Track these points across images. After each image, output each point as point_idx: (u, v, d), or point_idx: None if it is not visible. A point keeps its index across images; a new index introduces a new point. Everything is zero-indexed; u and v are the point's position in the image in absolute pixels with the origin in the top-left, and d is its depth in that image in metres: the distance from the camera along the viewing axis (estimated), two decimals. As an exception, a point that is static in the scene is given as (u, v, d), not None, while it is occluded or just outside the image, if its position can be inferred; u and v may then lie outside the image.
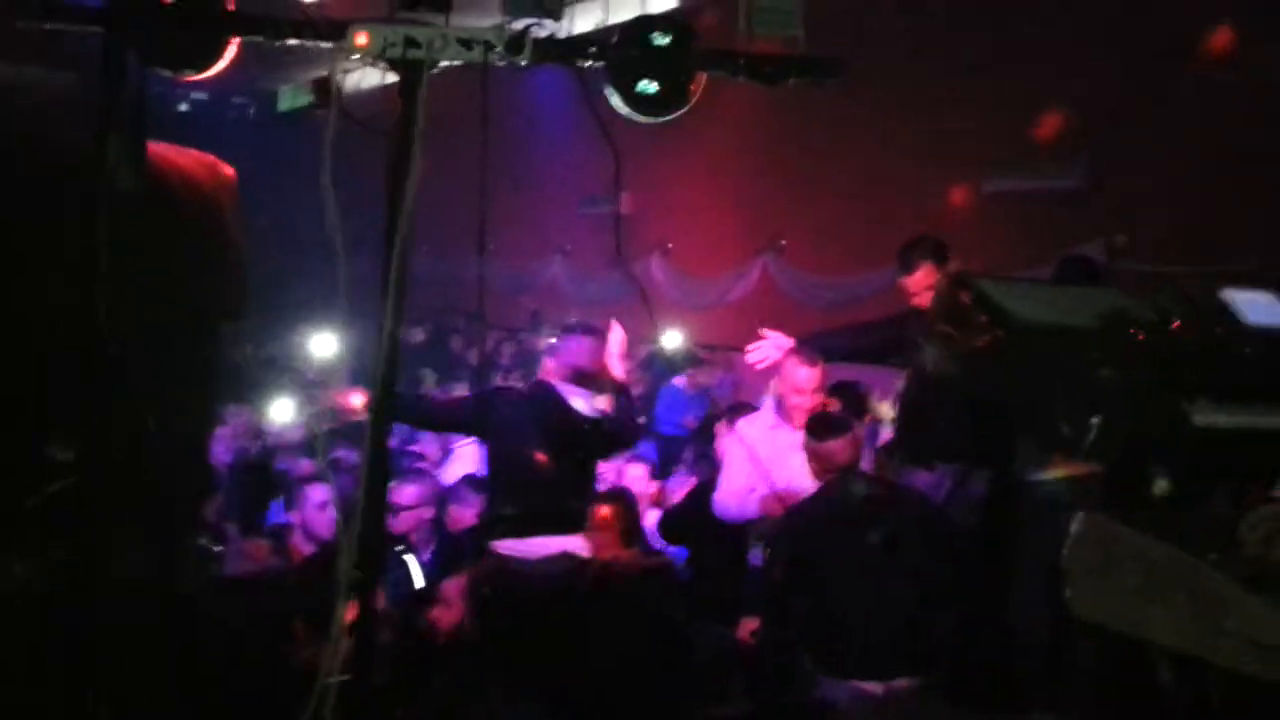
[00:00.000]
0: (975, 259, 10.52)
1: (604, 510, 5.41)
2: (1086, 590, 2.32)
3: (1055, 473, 2.45)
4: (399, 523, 6.43)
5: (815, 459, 5.12)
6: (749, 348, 5.75)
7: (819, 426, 5.18)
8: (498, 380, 9.85)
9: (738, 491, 5.58)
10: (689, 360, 11.86)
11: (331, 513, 5.08)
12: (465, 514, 6.35)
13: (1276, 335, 2.48)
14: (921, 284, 5.45)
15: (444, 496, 6.56)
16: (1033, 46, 10.00)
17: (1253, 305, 2.53)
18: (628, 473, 6.88)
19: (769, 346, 5.67)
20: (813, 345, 5.59)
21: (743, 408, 6.64)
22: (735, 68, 2.76)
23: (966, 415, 4.16)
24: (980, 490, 4.78)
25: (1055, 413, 2.26)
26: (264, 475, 7.61)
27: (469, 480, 6.59)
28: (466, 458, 7.36)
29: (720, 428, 6.53)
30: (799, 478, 5.31)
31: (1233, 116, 8.57)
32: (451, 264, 15.10)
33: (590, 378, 5.59)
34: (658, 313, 13.20)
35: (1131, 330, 2.34)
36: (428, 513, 6.43)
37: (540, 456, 5.26)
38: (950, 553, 4.82)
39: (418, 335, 13.91)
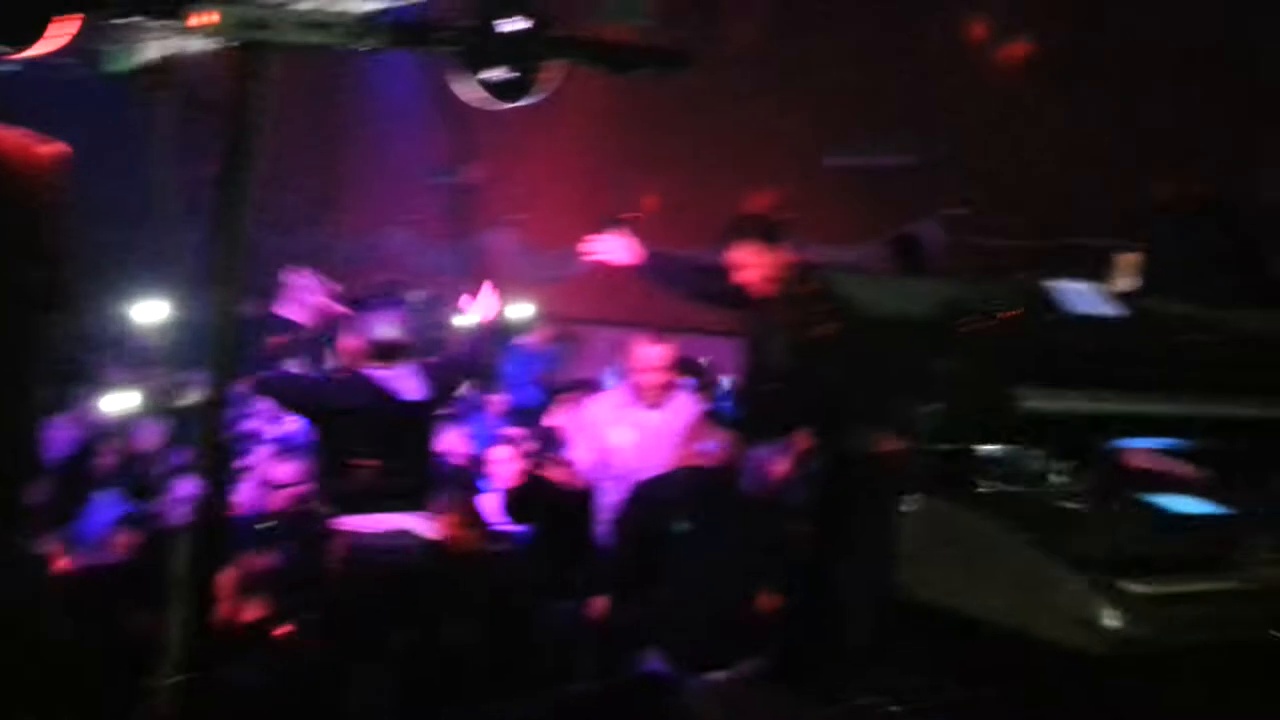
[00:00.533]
0: (820, 232, 10.77)
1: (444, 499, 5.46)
2: (919, 571, 2.43)
3: (884, 449, 2.55)
4: (277, 499, 6.32)
5: (657, 432, 5.09)
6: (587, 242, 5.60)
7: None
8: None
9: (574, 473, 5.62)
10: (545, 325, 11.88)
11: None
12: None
13: (1098, 324, 2.63)
14: (745, 260, 5.30)
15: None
16: (875, 24, 10.21)
17: (1077, 295, 2.68)
18: (492, 454, 6.84)
19: (609, 245, 5.55)
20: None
21: (585, 385, 6.64)
22: (587, 56, 2.77)
23: (808, 395, 4.23)
24: (819, 467, 4.85)
25: (893, 400, 2.36)
26: (79, 470, 7.27)
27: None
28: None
29: (559, 402, 6.51)
30: (647, 457, 5.35)
31: (1063, 92, 8.89)
32: (291, 237, 14.78)
33: (399, 349, 5.37)
34: (505, 285, 13.17)
35: (964, 320, 2.45)
36: (303, 489, 6.31)
37: (365, 462, 5.16)
38: (782, 532, 4.88)
39: (250, 309, 13.51)
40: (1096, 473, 2.59)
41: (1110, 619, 2.15)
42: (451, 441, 6.97)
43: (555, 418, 6.42)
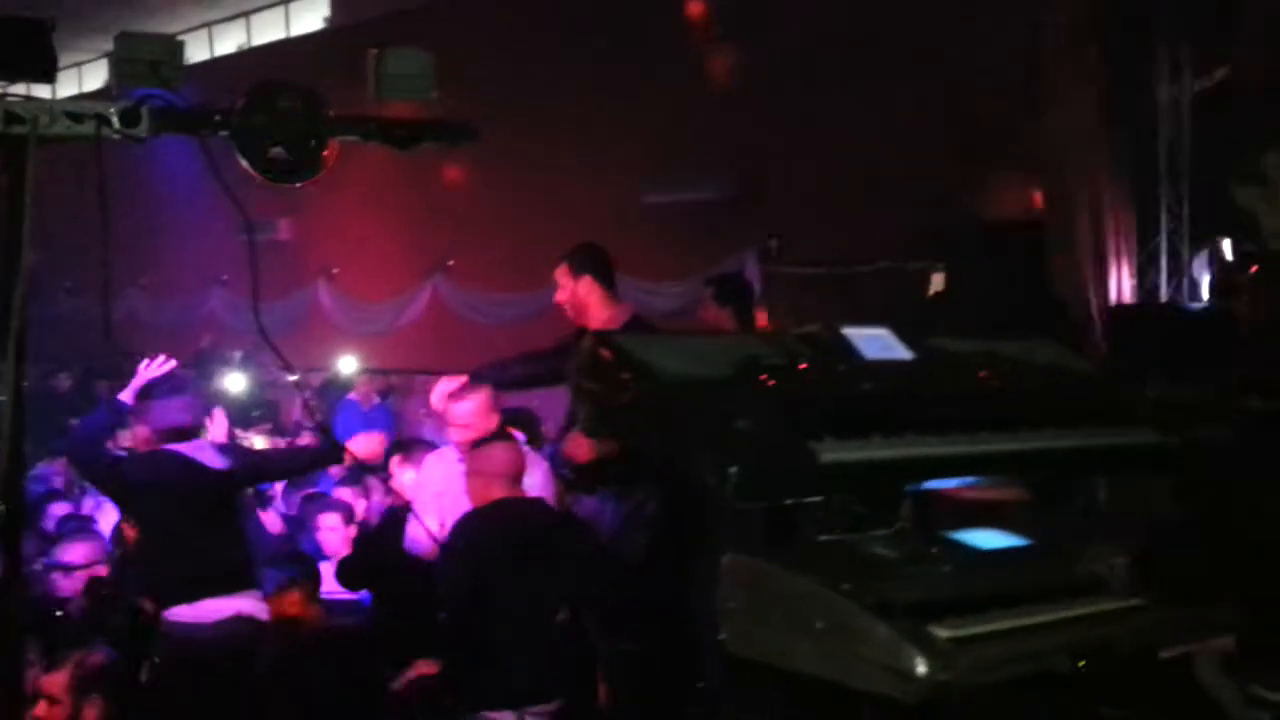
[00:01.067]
0: (640, 268, 10.88)
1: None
2: (739, 628, 2.43)
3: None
4: (72, 582, 6.02)
5: (477, 474, 4.92)
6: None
7: (484, 440, 5.08)
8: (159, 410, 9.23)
9: (426, 536, 5.46)
10: (372, 379, 11.68)
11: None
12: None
13: (891, 368, 2.68)
14: (582, 292, 5.46)
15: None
16: (686, 67, 10.38)
17: (870, 341, 2.73)
18: (323, 522, 6.65)
19: (441, 392, 5.57)
20: (485, 378, 5.52)
21: (419, 444, 6.50)
22: (367, 132, 2.72)
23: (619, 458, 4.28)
24: (655, 510, 4.85)
25: (697, 463, 2.35)
26: None
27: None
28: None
29: (394, 463, 6.38)
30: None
31: (856, 133, 9.18)
32: (112, 303, 14.24)
33: (189, 433, 5.24)
34: (328, 340, 12.94)
35: (762, 376, 2.47)
36: (101, 571, 6.03)
37: (184, 532, 4.98)
38: (606, 577, 4.83)
39: (64, 382, 12.98)
40: (902, 517, 2.63)
41: (920, 665, 2.17)
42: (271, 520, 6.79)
43: (393, 477, 6.26)
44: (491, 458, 4.88)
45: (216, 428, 5.93)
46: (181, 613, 4.96)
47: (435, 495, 5.44)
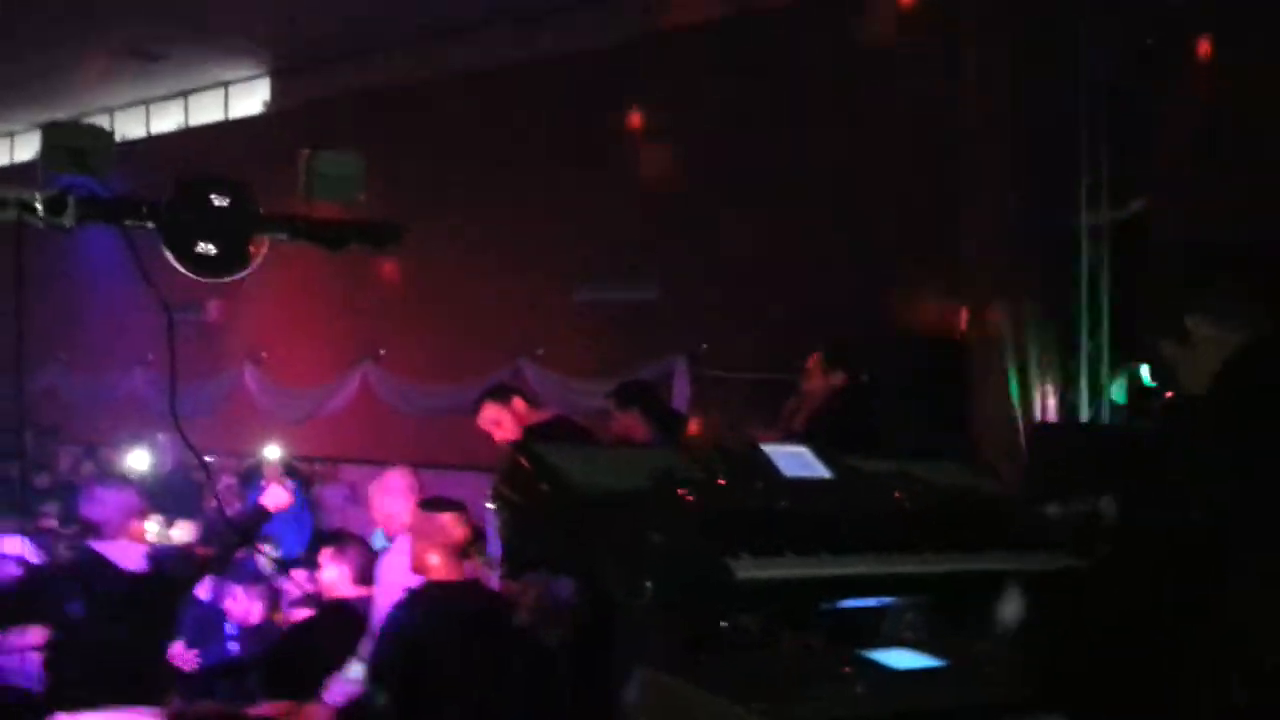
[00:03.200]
0: (573, 363, 10.91)
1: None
2: (647, 745, 2.41)
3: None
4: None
5: (425, 536, 4.77)
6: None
7: (430, 502, 4.95)
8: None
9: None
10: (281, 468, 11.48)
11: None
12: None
13: (808, 486, 2.71)
14: (486, 420, 6.10)
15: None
16: (619, 169, 10.53)
17: (789, 459, 2.76)
18: (239, 597, 6.54)
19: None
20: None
21: (350, 538, 6.34)
22: (295, 231, 2.73)
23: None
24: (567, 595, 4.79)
25: (612, 576, 2.35)
26: None
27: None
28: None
29: (324, 555, 6.23)
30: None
31: (779, 243, 9.35)
32: (28, 377, 13.95)
33: (118, 526, 5.12)
34: (253, 424, 12.76)
35: (679, 491, 2.48)
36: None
37: (96, 633, 4.84)
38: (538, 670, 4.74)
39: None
40: (815, 634, 2.64)
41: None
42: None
43: (321, 569, 6.11)
44: (436, 522, 4.76)
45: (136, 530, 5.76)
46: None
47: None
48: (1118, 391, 7.09)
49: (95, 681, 4.80)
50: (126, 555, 5.06)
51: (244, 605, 6.92)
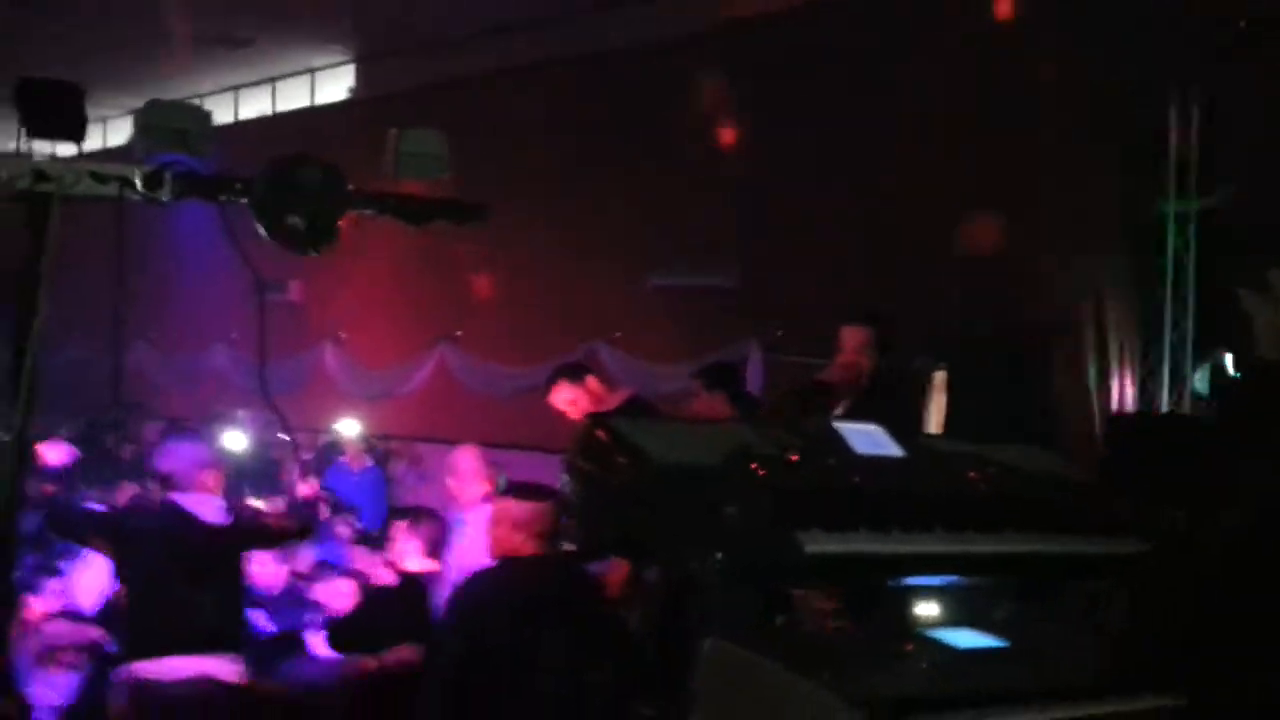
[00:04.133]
0: (645, 350, 10.97)
1: None
2: (714, 714, 2.46)
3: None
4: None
5: (505, 524, 4.80)
6: None
7: (515, 488, 4.96)
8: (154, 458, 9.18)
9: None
10: (362, 443, 11.70)
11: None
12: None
13: (880, 464, 2.73)
14: (560, 400, 6.00)
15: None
16: (699, 153, 10.55)
17: (861, 436, 2.79)
18: (335, 588, 6.67)
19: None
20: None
21: (425, 513, 6.44)
22: (383, 207, 2.81)
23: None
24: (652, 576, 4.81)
25: (685, 548, 2.40)
26: None
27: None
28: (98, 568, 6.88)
29: (398, 529, 6.33)
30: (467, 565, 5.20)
31: (866, 230, 9.31)
32: (108, 353, 14.33)
33: (195, 477, 5.24)
34: (332, 403, 13.00)
35: (753, 466, 2.52)
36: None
37: (174, 585, 4.97)
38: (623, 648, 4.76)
39: (67, 432, 12.97)
40: (882, 611, 2.67)
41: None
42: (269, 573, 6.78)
43: (395, 543, 6.23)
44: (509, 509, 4.77)
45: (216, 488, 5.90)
46: (146, 667, 4.92)
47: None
48: (1200, 381, 6.99)
49: (173, 631, 4.92)
50: (203, 507, 5.16)
51: (270, 571, 6.94)
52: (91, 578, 6.48)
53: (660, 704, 4.29)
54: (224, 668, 4.99)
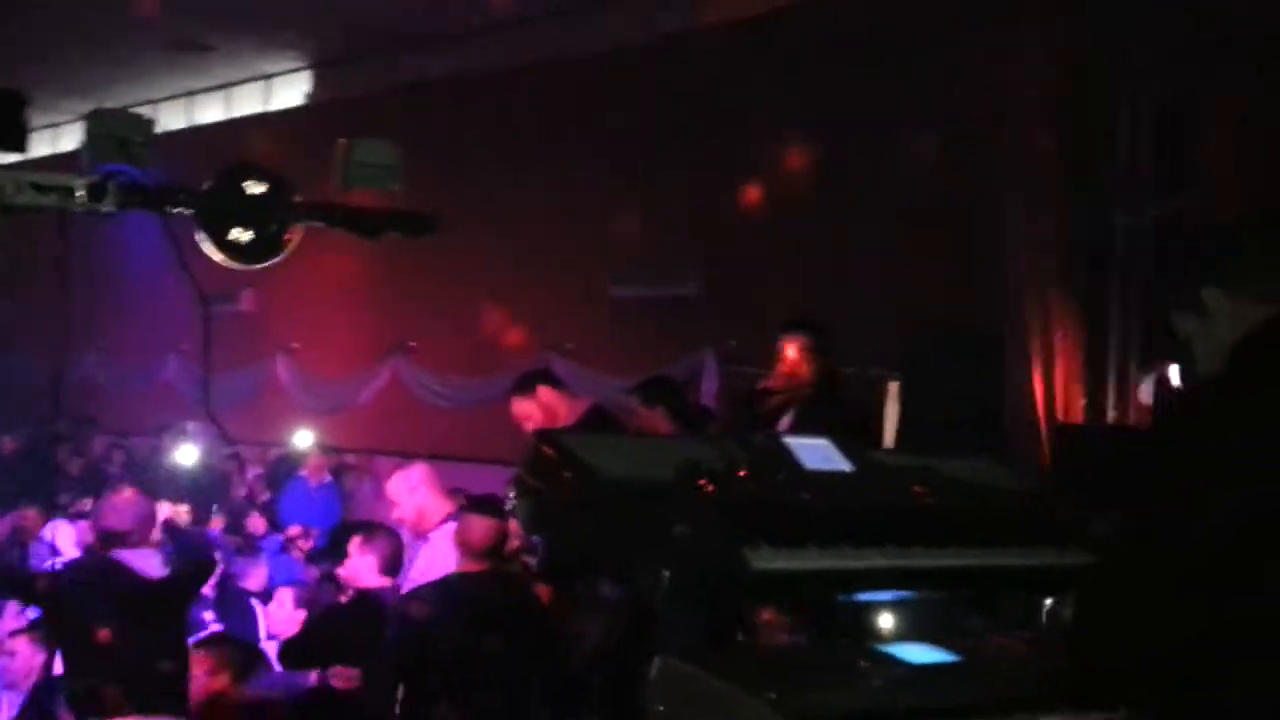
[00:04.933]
0: (604, 358, 10.95)
1: (200, 666, 5.20)
2: (664, 732, 2.45)
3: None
4: None
5: (459, 535, 4.82)
6: None
7: (473, 502, 4.98)
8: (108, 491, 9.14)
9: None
10: (323, 456, 11.61)
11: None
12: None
13: (829, 479, 2.73)
14: (518, 413, 5.81)
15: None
16: (657, 162, 10.56)
17: (810, 451, 2.79)
18: (277, 598, 6.61)
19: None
20: None
21: (379, 528, 6.36)
22: (332, 219, 2.78)
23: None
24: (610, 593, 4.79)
25: (632, 565, 2.38)
26: None
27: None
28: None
29: (352, 544, 6.27)
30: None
31: (819, 241, 9.35)
32: (55, 365, 14.11)
33: (128, 536, 5.15)
34: (285, 415, 12.88)
35: (701, 481, 2.51)
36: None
37: (103, 634, 4.88)
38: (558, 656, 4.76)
39: (7, 444, 12.69)
40: (834, 627, 2.67)
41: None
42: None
43: (350, 558, 6.16)
44: (469, 527, 4.79)
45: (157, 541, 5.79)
46: None
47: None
48: (1146, 393, 7.06)
49: (119, 687, 4.85)
50: (145, 561, 5.11)
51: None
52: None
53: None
54: None
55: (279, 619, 6.43)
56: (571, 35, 11.43)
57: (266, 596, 7.45)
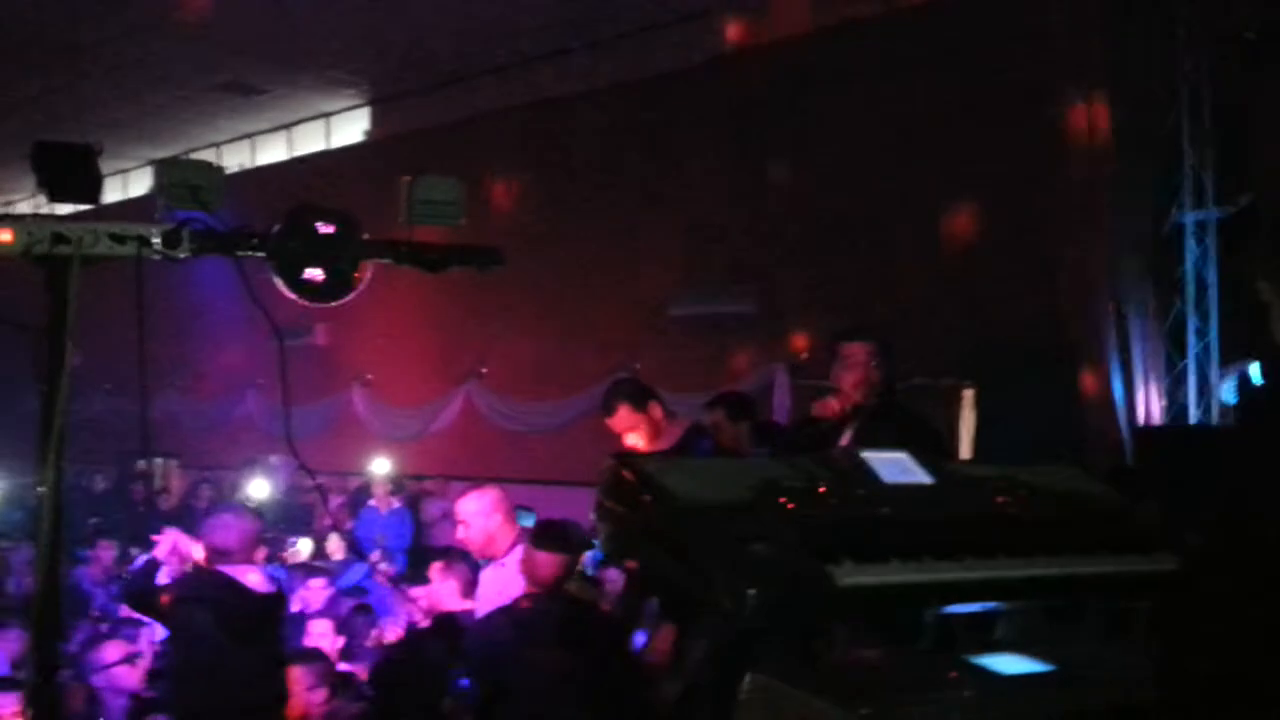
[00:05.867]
0: (670, 377, 10.96)
1: (300, 683, 5.26)
2: (756, 751, 2.43)
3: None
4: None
5: (525, 567, 4.89)
6: None
7: (538, 534, 5.02)
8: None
9: None
10: (389, 484, 11.74)
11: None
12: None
13: (909, 492, 2.71)
14: (621, 424, 5.69)
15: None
16: (718, 181, 10.57)
17: (888, 465, 2.76)
18: (312, 630, 6.67)
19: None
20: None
21: (457, 554, 6.41)
22: (398, 256, 2.81)
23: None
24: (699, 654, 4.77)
25: (715, 587, 2.37)
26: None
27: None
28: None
29: (433, 570, 6.32)
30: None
31: (891, 249, 9.28)
32: (149, 404, 14.38)
33: (235, 553, 5.22)
34: (362, 445, 13.03)
35: (780, 500, 2.50)
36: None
37: (222, 652, 4.97)
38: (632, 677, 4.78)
39: (100, 483, 13.07)
40: (923, 640, 2.63)
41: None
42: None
43: (433, 583, 6.23)
44: (536, 562, 4.83)
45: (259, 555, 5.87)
46: None
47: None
48: (1228, 392, 6.93)
49: (221, 696, 4.93)
50: (249, 577, 5.19)
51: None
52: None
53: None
54: None
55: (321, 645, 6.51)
56: (631, 58, 11.49)
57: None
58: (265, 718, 5.02)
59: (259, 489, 10.94)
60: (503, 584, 5.31)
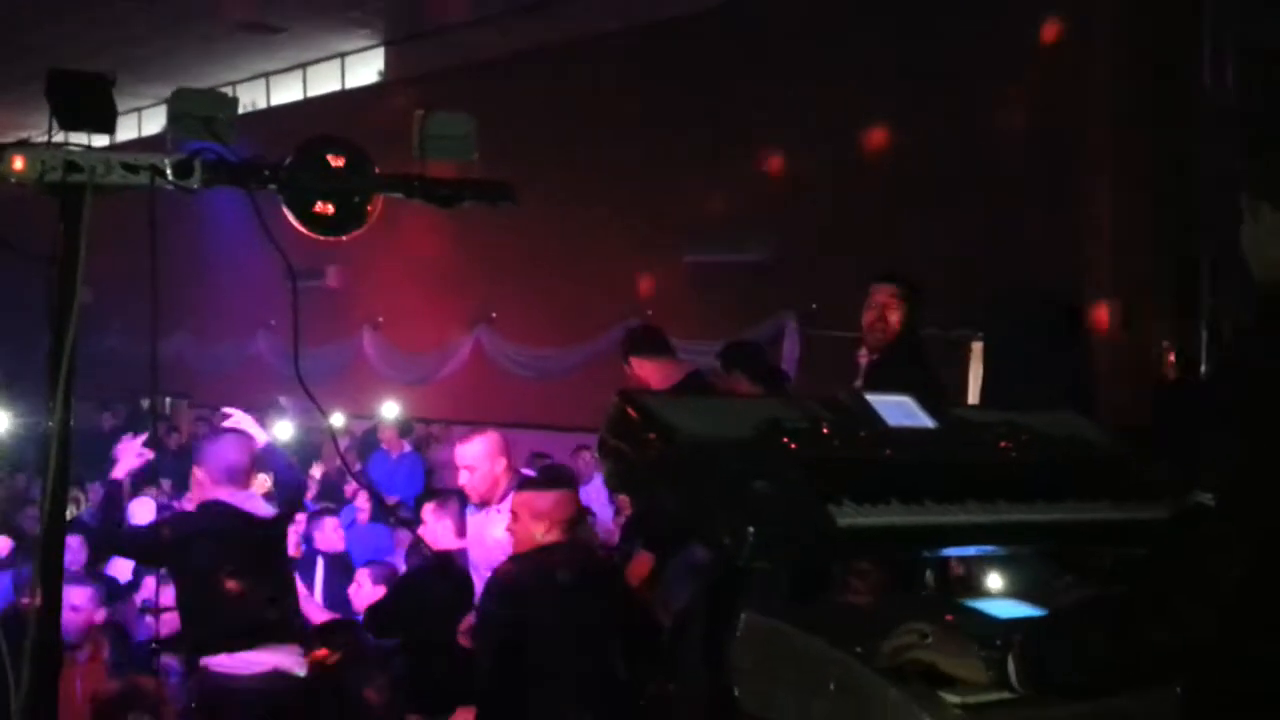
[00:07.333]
0: (682, 324, 10.97)
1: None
2: (753, 687, 2.47)
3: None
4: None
5: (538, 509, 4.90)
6: None
7: (545, 476, 5.03)
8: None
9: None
10: (399, 428, 11.80)
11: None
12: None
13: (912, 435, 2.72)
14: (641, 369, 5.71)
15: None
16: (731, 129, 10.52)
17: (892, 408, 2.77)
18: (357, 578, 6.77)
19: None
20: None
21: (451, 494, 6.47)
22: (410, 190, 2.81)
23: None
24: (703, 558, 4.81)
25: (716, 523, 2.39)
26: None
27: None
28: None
29: (426, 510, 6.38)
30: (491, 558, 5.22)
31: (901, 202, 9.25)
32: (148, 344, 14.44)
33: (245, 472, 5.28)
34: (371, 388, 13.09)
35: (784, 439, 2.52)
36: (98, 616, 6.07)
37: (231, 584, 5.03)
38: (647, 621, 4.84)
39: (108, 420, 13.10)
40: (920, 583, 2.66)
41: (929, 730, 2.19)
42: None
43: (424, 525, 6.28)
44: (529, 500, 4.83)
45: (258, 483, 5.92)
46: (220, 661, 5.00)
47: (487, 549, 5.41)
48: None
49: (232, 629, 5.00)
50: (249, 503, 5.23)
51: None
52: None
53: (684, 680, 4.35)
54: (290, 660, 5.06)
55: (361, 598, 6.56)
56: (645, 3, 11.41)
57: (341, 561, 7.69)
58: (274, 638, 5.07)
59: (283, 430, 10.99)
60: (490, 527, 5.35)
